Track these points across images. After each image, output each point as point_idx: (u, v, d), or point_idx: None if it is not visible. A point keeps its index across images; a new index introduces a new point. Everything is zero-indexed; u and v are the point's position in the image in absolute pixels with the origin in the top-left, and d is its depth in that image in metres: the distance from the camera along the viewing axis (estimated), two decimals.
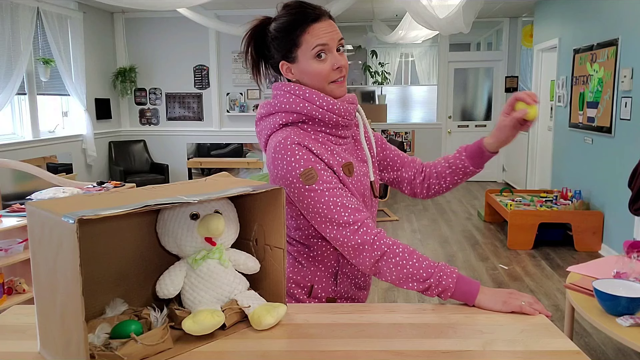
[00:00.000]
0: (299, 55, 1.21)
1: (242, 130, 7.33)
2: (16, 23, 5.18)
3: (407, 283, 1.13)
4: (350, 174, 1.24)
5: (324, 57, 1.20)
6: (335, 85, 1.23)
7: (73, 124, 6.42)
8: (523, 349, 0.95)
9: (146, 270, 1.10)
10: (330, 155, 1.22)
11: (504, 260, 4.54)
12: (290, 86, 1.23)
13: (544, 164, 6.62)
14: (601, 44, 4.72)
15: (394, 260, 1.13)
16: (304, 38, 1.19)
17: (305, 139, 1.20)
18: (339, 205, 1.15)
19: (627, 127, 4.25)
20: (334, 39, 1.20)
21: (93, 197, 0.93)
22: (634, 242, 2.45)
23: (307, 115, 1.21)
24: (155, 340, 0.91)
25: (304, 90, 1.21)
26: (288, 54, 1.23)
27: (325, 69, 1.20)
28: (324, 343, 0.98)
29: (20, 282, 3.13)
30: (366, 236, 1.14)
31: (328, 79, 1.21)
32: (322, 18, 1.20)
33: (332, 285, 1.31)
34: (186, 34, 7.16)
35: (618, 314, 1.83)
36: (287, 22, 1.21)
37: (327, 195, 1.16)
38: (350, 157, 1.28)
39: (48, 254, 0.85)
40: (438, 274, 1.12)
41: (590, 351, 2.90)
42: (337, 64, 1.21)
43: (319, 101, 1.21)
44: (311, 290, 1.30)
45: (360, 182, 1.27)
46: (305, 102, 1.21)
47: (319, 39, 1.19)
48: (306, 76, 1.22)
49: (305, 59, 1.21)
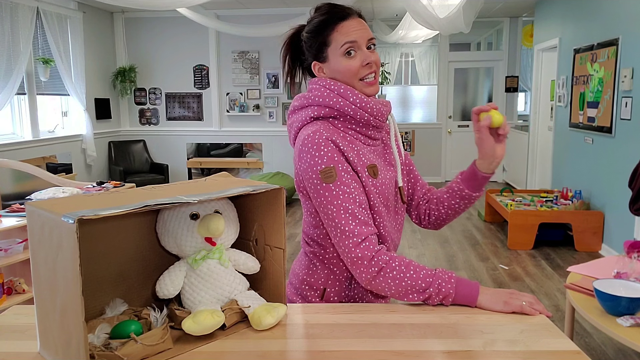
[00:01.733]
0: (329, 54, 1.23)
1: (242, 130, 7.33)
2: (16, 23, 5.18)
3: (407, 295, 1.13)
4: (375, 175, 1.22)
5: (353, 54, 1.21)
6: (366, 83, 1.23)
7: (73, 124, 6.42)
8: (523, 349, 0.95)
9: (146, 270, 1.10)
10: (355, 155, 1.21)
11: (504, 261, 4.54)
12: (326, 81, 1.24)
13: (544, 164, 6.62)
14: (601, 44, 4.72)
15: (392, 275, 1.12)
16: (333, 37, 1.21)
17: (334, 134, 1.19)
18: (349, 213, 1.14)
19: (627, 127, 4.25)
20: (363, 37, 1.21)
21: (93, 197, 0.92)
22: (634, 242, 2.44)
23: (339, 110, 1.21)
24: (155, 341, 0.91)
25: (339, 86, 1.22)
26: (319, 54, 1.25)
27: (355, 65, 1.21)
28: (324, 343, 0.98)
29: (20, 282, 3.13)
30: (367, 251, 1.13)
31: (358, 75, 1.22)
32: (351, 16, 1.22)
33: (345, 290, 1.29)
34: (186, 34, 7.16)
35: (618, 314, 1.83)
36: (316, 23, 1.24)
37: (341, 198, 1.15)
38: (377, 159, 1.27)
39: (48, 254, 0.85)
40: (437, 282, 1.11)
41: (591, 351, 2.90)
42: (366, 60, 1.21)
43: (352, 97, 1.21)
44: (324, 293, 1.29)
45: (384, 185, 1.25)
46: (339, 97, 1.21)
47: (347, 37, 1.20)
48: (337, 74, 1.23)
49: (335, 57, 1.22)
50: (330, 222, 1.16)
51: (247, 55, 7.11)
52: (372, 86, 1.24)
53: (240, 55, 7.13)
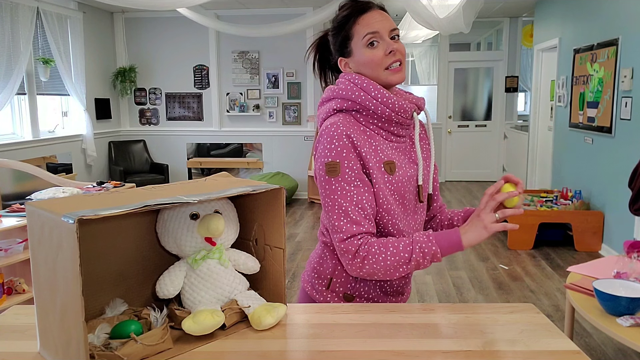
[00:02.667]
0: (353, 48, 1.24)
1: (242, 130, 7.33)
2: (16, 23, 5.18)
3: (396, 271, 1.15)
4: (391, 172, 1.22)
5: (375, 44, 1.22)
6: (391, 72, 1.23)
7: (73, 124, 6.42)
8: (523, 349, 0.95)
9: (146, 270, 1.10)
10: (373, 150, 1.21)
11: (504, 260, 4.54)
12: (352, 75, 1.25)
13: (544, 164, 6.62)
14: (601, 44, 4.72)
15: (375, 259, 1.14)
16: (354, 30, 1.23)
17: (352, 128, 1.19)
18: (342, 210, 1.16)
19: (627, 127, 4.25)
20: (385, 28, 1.22)
21: (93, 197, 0.92)
22: (634, 242, 2.44)
23: (361, 104, 1.22)
24: (155, 341, 0.91)
25: (363, 80, 1.23)
26: (343, 49, 1.26)
27: (378, 55, 1.21)
28: (324, 343, 0.98)
29: (20, 282, 3.13)
30: (351, 246, 1.15)
31: (382, 64, 1.22)
32: (372, 9, 1.24)
33: (351, 282, 1.30)
34: (186, 34, 7.16)
35: (618, 314, 1.83)
36: (339, 19, 1.26)
37: (337, 194, 1.17)
38: (400, 156, 1.26)
39: (48, 254, 0.85)
40: (417, 247, 1.13)
41: (591, 351, 2.90)
42: (389, 48, 1.21)
43: (374, 92, 1.21)
44: (330, 283, 1.31)
45: (402, 182, 1.24)
46: (361, 91, 1.22)
47: (368, 28, 1.21)
48: (362, 67, 1.24)
49: (359, 50, 1.23)
50: (326, 213, 1.20)
51: (247, 55, 7.12)
52: (398, 73, 1.23)
53: (240, 55, 7.13)
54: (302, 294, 1.39)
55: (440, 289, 3.88)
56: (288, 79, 7.09)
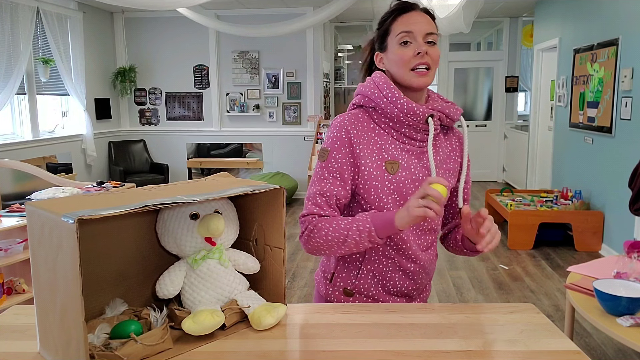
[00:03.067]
0: (388, 43, 1.27)
1: (242, 130, 7.33)
2: (16, 23, 5.17)
3: (339, 249, 1.20)
4: (392, 171, 1.24)
5: (407, 44, 1.23)
6: (416, 74, 1.23)
7: (73, 124, 6.42)
8: (523, 349, 0.95)
9: (146, 270, 1.10)
10: (375, 148, 1.24)
11: (504, 260, 4.54)
12: (377, 74, 1.28)
13: (544, 164, 6.62)
14: (601, 44, 4.72)
15: (318, 234, 1.22)
16: (393, 26, 1.26)
17: (358, 124, 1.24)
18: (313, 191, 1.24)
19: (627, 127, 4.25)
20: (421, 30, 1.23)
21: (93, 197, 0.92)
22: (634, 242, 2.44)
23: (375, 102, 1.26)
24: (155, 340, 0.91)
25: (380, 78, 1.26)
26: (381, 44, 1.29)
27: (407, 54, 1.23)
28: (324, 343, 0.98)
29: (20, 282, 3.13)
30: (306, 222, 1.24)
31: (409, 65, 1.23)
32: (414, 10, 1.26)
33: (352, 278, 1.31)
34: (186, 34, 7.16)
35: (618, 314, 1.83)
36: (383, 16, 1.30)
37: (317, 177, 1.25)
38: (409, 158, 1.26)
39: (48, 254, 0.85)
40: (354, 226, 1.17)
41: (591, 351, 2.90)
42: (418, 49, 1.22)
43: (386, 91, 1.24)
44: (332, 278, 1.34)
45: (403, 183, 1.24)
46: (376, 90, 1.25)
47: (404, 26, 1.23)
48: (391, 64, 1.26)
49: (392, 46, 1.26)
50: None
51: (247, 55, 7.11)
52: (422, 77, 1.23)
53: (240, 55, 7.13)
54: (315, 290, 1.44)
55: (440, 289, 3.88)
56: (288, 79, 7.09)
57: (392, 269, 1.29)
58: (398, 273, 1.30)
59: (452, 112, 1.29)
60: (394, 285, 1.31)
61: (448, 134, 1.36)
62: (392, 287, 1.32)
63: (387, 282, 1.31)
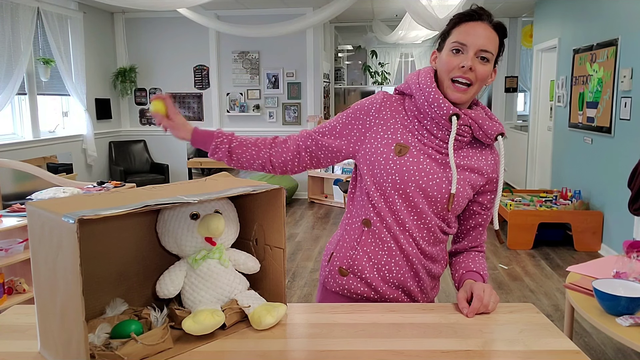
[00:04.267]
0: (444, 46, 1.26)
1: (242, 130, 7.32)
2: (16, 23, 5.17)
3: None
4: (400, 154, 1.25)
5: (459, 53, 1.22)
6: (454, 86, 1.22)
7: (73, 124, 6.42)
8: (523, 349, 0.95)
9: (146, 270, 1.10)
10: (391, 127, 1.28)
11: (503, 260, 4.54)
12: (426, 67, 1.31)
13: (544, 164, 6.62)
14: (601, 44, 4.72)
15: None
16: (453, 31, 1.25)
17: (388, 104, 1.30)
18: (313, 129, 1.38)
19: (626, 127, 4.25)
20: (476, 44, 1.20)
21: (93, 197, 0.93)
22: (634, 242, 2.45)
23: (410, 87, 1.29)
24: (155, 340, 0.91)
25: (425, 69, 1.29)
26: (441, 43, 1.29)
27: (453, 63, 1.22)
28: (324, 343, 0.98)
29: (20, 282, 3.13)
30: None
31: (450, 73, 1.22)
32: (480, 21, 1.22)
33: (348, 258, 1.32)
34: (186, 34, 7.16)
35: (618, 313, 1.84)
36: (453, 17, 1.28)
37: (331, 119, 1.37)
38: (420, 147, 1.25)
39: (48, 254, 0.85)
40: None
41: (590, 351, 2.90)
42: (463, 63, 1.20)
43: (422, 79, 1.26)
44: (330, 258, 1.37)
45: (407, 168, 1.23)
46: (415, 77, 1.29)
47: (460, 37, 1.22)
48: (439, 65, 1.27)
49: (445, 50, 1.25)
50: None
51: (247, 55, 7.11)
52: (457, 92, 1.22)
53: (241, 55, 7.13)
54: (319, 277, 1.46)
55: (440, 289, 3.88)
56: (288, 79, 7.09)
57: (388, 253, 1.28)
58: (394, 259, 1.28)
59: (487, 126, 1.25)
60: (389, 271, 1.29)
61: (485, 150, 1.31)
62: (387, 273, 1.29)
63: (383, 267, 1.29)
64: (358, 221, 1.32)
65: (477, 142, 1.31)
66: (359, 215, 1.32)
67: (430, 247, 1.31)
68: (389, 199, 1.25)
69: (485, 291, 1.14)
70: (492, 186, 1.32)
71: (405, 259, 1.28)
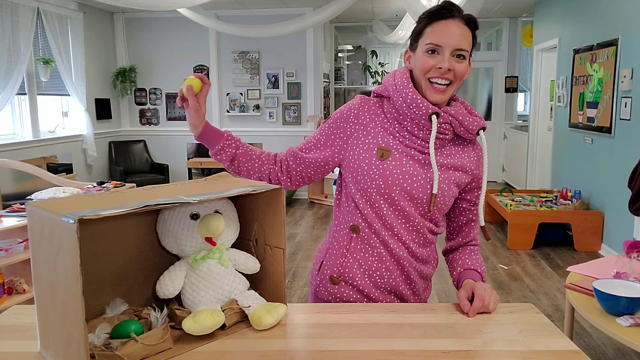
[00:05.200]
0: (418, 46, 1.25)
1: (242, 130, 7.32)
2: (16, 23, 5.17)
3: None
4: (382, 158, 1.24)
5: (434, 54, 1.21)
6: (432, 88, 1.22)
7: (73, 124, 6.42)
8: (523, 349, 0.95)
9: (146, 270, 1.10)
10: (371, 131, 1.27)
11: (504, 260, 4.54)
12: (402, 68, 1.31)
13: (544, 164, 6.62)
14: (601, 44, 4.72)
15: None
16: (426, 31, 1.23)
17: (366, 107, 1.29)
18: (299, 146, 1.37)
19: (627, 127, 4.25)
20: (450, 44, 1.19)
21: (93, 197, 0.93)
22: (634, 242, 2.44)
23: (387, 90, 1.29)
24: (155, 340, 0.91)
25: (402, 70, 1.29)
26: (413, 42, 1.28)
27: (428, 64, 1.21)
28: (324, 343, 0.98)
29: (20, 282, 3.13)
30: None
31: (427, 75, 1.22)
32: (453, 18, 1.21)
33: (338, 266, 1.31)
34: (186, 34, 7.16)
35: (618, 314, 1.83)
36: (424, 14, 1.26)
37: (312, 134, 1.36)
38: (401, 149, 1.25)
39: (48, 254, 0.85)
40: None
41: (590, 351, 2.90)
42: (439, 64, 1.19)
43: (398, 80, 1.26)
44: (320, 266, 1.36)
45: (390, 172, 1.23)
46: (391, 78, 1.29)
47: (434, 38, 1.20)
48: (415, 66, 1.26)
49: (420, 50, 1.24)
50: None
51: (247, 55, 7.11)
52: (437, 94, 1.22)
53: (241, 55, 7.13)
54: (310, 286, 1.45)
55: (440, 289, 3.88)
56: (288, 79, 7.09)
57: (379, 259, 1.27)
58: (385, 264, 1.27)
59: (468, 122, 1.24)
60: (381, 276, 1.28)
61: (467, 147, 1.31)
62: (379, 278, 1.28)
63: (374, 273, 1.28)
64: (346, 228, 1.31)
65: (459, 139, 1.30)
66: (346, 222, 1.31)
67: (421, 249, 1.30)
68: (374, 205, 1.25)
69: (486, 291, 1.15)
70: (478, 183, 1.33)
71: (396, 263, 1.28)
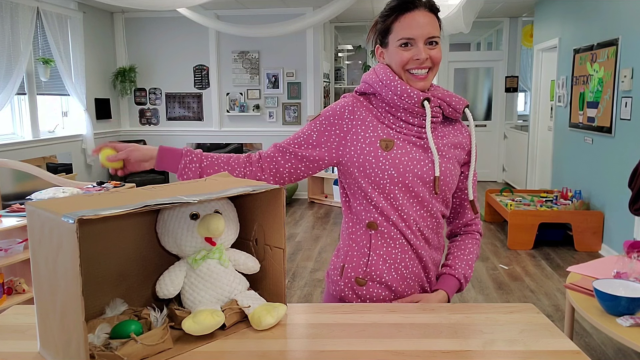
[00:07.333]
0: (389, 42, 1.28)
1: (242, 130, 7.33)
2: (16, 23, 5.17)
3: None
4: (387, 148, 1.26)
5: (408, 46, 1.24)
6: (413, 76, 1.26)
7: (73, 124, 6.42)
8: (523, 349, 0.95)
9: (146, 270, 1.10)
10: (369, 126, 1.28)
11: (504, 260, 4.54)
12: (379, 65, 1.32)
13: (544, 164, 6.62)
14: (601, 44, 4.72)
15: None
16: (394, 26, 1.26)
17: (357, 108, 1.30)
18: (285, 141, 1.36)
19: (627, 127, 4.25)
20: (422, 35, 1.24)
21: (93, 197, 0.93)
22: (634, 242, 2.44)
23: (372, 87, 1.30)
24: (155, 340, 0.91)
25: (380, 66, 1.30)
26: (383, 39, 1.30)
27: (405, 57, 1.25)
28: (324, 343, 0.98)
29: (20, 282, 3.13)
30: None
31: (405, 66, 1.25)
32: (418, 9, 1.24)
33: (362, 266, 1.30)
34: (186, 34, 7.16)
35: (618, 314, 1.84)
36: (386, 10, 1.28)
37: (299, 130, 1.36)
38: (403, 138, 1.27)
39: (48, 254, 0.85)
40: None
41: (590, 351, 2.90)
42: (417, 56, 1.23)
43: (382, 75, 1.27)
44: (342, 270, 1.34)
45: (400, 160, 1.25)
46: (374, 75, 1.30)
47: (405, 32, 1.24)
48: (391, 61, 1.28)
49: (393, 46, 1.27)
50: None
51: (247, 55, 7.11)
52: (420, 82, 1.26)
53: (240, 55, 7.13)
54: (325, 293, 1.43)
55: None
56: (288, 79, 7.09)
57: (401, 250, 1.28)
58: (407, 254, 1.29)
59: (454, 101, 1.30)
60: (405, 267, 1.30)
61: (456, 125, 1.36)
62: (404, 269, 1.30)
63: (399, 265, 1.29)
64: (362, 227, 1.31)
65: (447, 120, 1.35)
66: (361, 221, 1.31)
67: (434, 235, 1.33)
68: (389, 195, 1.26)
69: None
70: (469, 157, 1.37)
71: (414, 253, 1.30)
